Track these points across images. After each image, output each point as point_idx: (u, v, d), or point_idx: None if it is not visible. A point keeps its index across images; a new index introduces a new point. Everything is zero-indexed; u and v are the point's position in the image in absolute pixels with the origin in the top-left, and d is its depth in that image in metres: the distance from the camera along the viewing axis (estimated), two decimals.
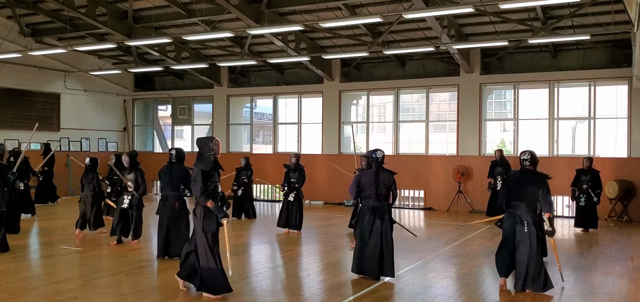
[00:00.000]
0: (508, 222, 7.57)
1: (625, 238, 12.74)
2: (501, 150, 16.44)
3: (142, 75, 24.21)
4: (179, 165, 9.63)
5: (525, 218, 7.39)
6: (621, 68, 16.36)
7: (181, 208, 9.57)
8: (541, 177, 7.54)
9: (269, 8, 15.39)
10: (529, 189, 7.45)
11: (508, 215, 7.59)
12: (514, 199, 7.53)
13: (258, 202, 20.87)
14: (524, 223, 7.37)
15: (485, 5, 12.93)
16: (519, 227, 7.40)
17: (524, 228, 7.36)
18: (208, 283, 6.97)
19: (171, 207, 9.49)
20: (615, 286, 8.13)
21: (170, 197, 9.54)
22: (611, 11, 13.61)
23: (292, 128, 22.11)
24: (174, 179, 9.51)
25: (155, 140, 24.99)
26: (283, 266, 9.52)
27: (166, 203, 9.54)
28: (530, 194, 7.42)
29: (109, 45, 18.18)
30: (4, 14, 18.83)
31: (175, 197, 9.53)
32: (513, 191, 7.58)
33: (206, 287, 6.99)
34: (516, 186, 7.60)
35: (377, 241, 8.07)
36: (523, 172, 7.64)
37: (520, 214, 7.43)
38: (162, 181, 9.67)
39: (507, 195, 7.65)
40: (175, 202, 9.50)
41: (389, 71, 19.79)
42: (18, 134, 19.97)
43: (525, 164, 7.60)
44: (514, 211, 7.50)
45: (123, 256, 9.74)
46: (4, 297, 6.98)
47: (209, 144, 7.05)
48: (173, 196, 9.53)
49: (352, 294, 7.36)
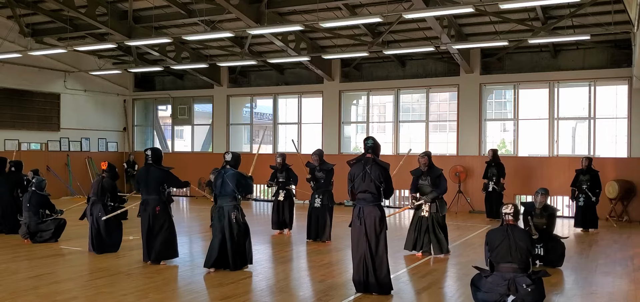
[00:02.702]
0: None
1: (625, 238, 12.74)
2: (494, 150, 16.23)
3: (142, 75, 24.20)
4: (156, 166, 9.05)
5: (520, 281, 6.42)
6: (621, 68, 16.36)
7: (162, 212, 8.97)
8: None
9: (269, 8, 15.38)
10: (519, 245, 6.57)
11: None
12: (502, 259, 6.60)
13: (258, 202, 20.89)
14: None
15: (485, 5, 12.93)
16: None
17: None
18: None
19: (152, 212, 8.91)
20: (615, 286, 8.13)
21: (150, 201, 8.95)
22: (611, 11, 13.61)
23: (292, 128, 22.11)
24: (153, 181, 8.93)
25: (156, 140, 24.97)
26: (282, 266, 9.51)
27: (146, 208, 8.95)
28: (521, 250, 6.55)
29: (109, 45, 18.17)
30: (4, 14, 18.82)
31: (156, 201, 8.93)
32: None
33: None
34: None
35: (362, 255, 7.22)
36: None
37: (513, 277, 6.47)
38: (140, 184, 9.06)
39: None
40: (155, 206, 8.90)
41: (389, 71, 19.78)
42: (18, 134, 19.98)
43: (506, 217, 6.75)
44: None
45: (123, 256, 9.74)
46: (3, 297, 6.99)
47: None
48: (153, 200, 8.93)
49: (352, 294, 7.35)
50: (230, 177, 8.60)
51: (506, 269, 6.48)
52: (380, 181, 7.22)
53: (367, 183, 7.22)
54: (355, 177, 7.36)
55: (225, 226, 8.54)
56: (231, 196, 8.58)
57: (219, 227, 8.60)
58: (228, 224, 8.52)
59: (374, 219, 7.20)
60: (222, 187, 8.62)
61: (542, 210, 9.42)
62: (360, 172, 7.30)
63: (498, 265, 6.57)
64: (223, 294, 7.37)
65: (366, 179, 7.23)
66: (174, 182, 9.25)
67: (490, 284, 6.52)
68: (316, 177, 11.79)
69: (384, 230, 7.30)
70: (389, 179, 7.33)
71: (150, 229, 8.92)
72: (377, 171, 7.24)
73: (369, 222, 7.19)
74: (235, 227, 8.55)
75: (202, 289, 7.66)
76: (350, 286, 7.62)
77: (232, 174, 8.65)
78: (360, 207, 7.27)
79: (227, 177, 8.61)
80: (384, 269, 7.23)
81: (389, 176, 7.34)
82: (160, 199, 8.95)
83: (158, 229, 8.92)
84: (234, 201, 8.59)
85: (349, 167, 7.54)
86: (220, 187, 8.64)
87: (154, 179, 8.93)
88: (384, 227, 7.31)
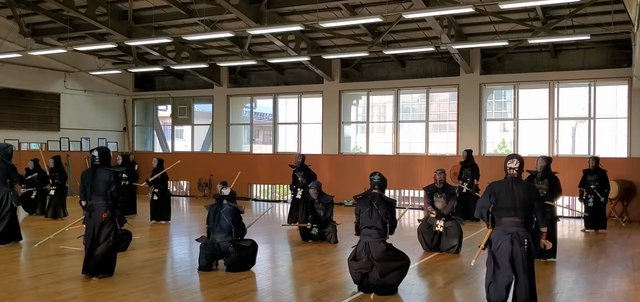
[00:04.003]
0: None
1: (625, 238, 12.73)
2: (469, 150, 15.68)
3: (142, 75, 24.21)
4: (103, 167, 8.09)
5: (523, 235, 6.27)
6: (621, 68, 16.36)
7: (109, 220, 8.01)
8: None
9: (269, 8, 15.38)
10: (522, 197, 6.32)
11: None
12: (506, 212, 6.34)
13: (258, 202, 20.89)
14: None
15: (485, 5, 12.93)
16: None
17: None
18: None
19: (98, 219, 7.96)
20: (615, 286, 8.13)
21: (96, 206, 7.98)
22: (611, 11, 13.61)
23: (292, 128, 22.11)
24: (100, 183, 7.95)
25: (155, 140, 24.99)
26: (283, 266, 9.51)
27: (92, 214, 8.00)
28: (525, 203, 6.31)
29: (109, 45, 18.18)
30: (4, 14, 18.82)
31: (103, 207, 7.98)
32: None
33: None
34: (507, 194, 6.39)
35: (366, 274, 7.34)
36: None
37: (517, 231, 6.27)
38: (86, 187, 8.08)
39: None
40: (102, 212, 7.95)
41: (389, 71, 19.78)
42: (18, 134, 19.99)
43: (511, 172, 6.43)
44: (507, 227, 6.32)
45: (123, 256, 9.72)
46: (3, 297, 6.99)
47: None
48: (100, 205, 7.98)
49: (352, 294, 7.35)
50: (226, 214, 8.58)
51: (509, 224, 6.26)
52: (387, 217, 7.31)
53: (374, 219, 7.30)
54: (361, 213, 7.43)
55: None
56: (227, 232, 8.55)
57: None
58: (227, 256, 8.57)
59: (382, 253, 7.29)
60: (219, 222, 8.59)
61: (542, 173, 9.65)
62: (367, 208, 7.37)
63: (500, 219, 6.32)
64: (223, 294, 7.37)
65: (373, 215, 7.31)
66: (118, 187, 8.19)
67: (495, 239, 6.33)
68: (315, 211, 11.58)
69: (397, 255, 7.48)
70: (394, 214, 7.45)
71: (95, 238, 7.97)
72: (384, 208, 7.34)
73: (378, 257, 7.26)
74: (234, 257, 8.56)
75: (202, 289, 7.66)
76: (350, 285, 7.62)
77: (228, 210, 8.63)
78: (366, 242, 7.32)
79: (224, 213, 8.59)
80: (394, 278, 7.37)
81: (395, 213, 7.47)
82: (107, 204, 8.00)
83: (103, 238, 7.97)
84: (230, 236, 8.56)
85: (355, 201, 7.70)
86: (215, 223, 8.62)
87: (102, 181, 7.98)
88: (397, 253, 7.49)
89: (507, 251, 6.19)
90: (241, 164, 19.71)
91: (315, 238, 11.41)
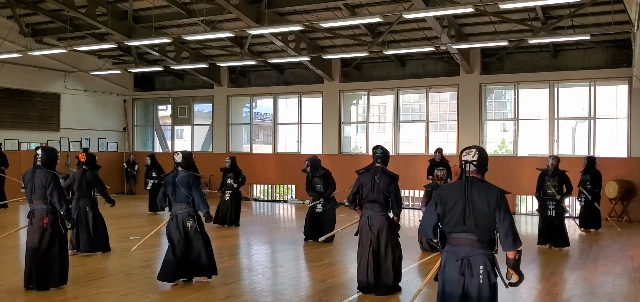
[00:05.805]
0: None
1: (625, 238, 12.74)
2: (440, 148, 15.25)
3: (142, 75, 24.20)
4: (44, 169, 7.29)
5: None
6: (621, 68, 16.36)
7: (52, 226, 7.26)
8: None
9: (269, 8, 15.38)
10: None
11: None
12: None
13: (258, 202, 20.90)
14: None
15: (485, 5, 12.93)
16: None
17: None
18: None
19: (38, 225, 7.24)
20: (615, 286, 8.13)
21: (36, 211, 7.27)
22: (611, 11, 13.61)
23: (292, 128, 22.11)
24: (38, 186, 7.21)
25: (156, 140, 25.00)
26: (283, 266, 9.51)
27: (33, 220, 7.29)
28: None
29: (109, 45, 18.18)
30: (4, 14, 18.82)
31: (43, 212, 7.25)
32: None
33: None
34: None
35: (368, 257, 7.10)
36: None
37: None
38: (26, 189, 7.36)
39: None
40: (43, 217, 7.23)
41: (389, 71, 19.79)
42: (18, 134, 19.99)
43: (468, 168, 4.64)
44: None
45: (123, 256, 9.74)
46: (3, 297, 6.98)
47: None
48: (40, 210, 7.25)
49: (352, 294, 7.35)
50: (181, 180, 7.58)
51: (459, 243, 4.50)
52: (389, 191, 7.14)
53: (376, 193, 7.15)
54: (363, 186, 7.25)
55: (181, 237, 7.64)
56: (185, 202, 7.61)
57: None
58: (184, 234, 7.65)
59: (384, 226, 7.17)
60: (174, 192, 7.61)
61: (553, 171, 10.92)
62: (369, 182, 7.21)
63: (450, 235, 4.57)
64: (223, 294, 7.37)
65: (375, 189, 7.15)
66: (57, 191, 7.25)
67: (443, 264, 4.63)
68: (314, 186, 11.52)
69: (396, 238, 7.28)
70: (398, 190, 7.24)
71: (36, 246, 7.19)
72: (386, 181, 7.17)
73: (379, 228, 7.14)
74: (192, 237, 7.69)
75: (203, 289, 7.66)
76: (350, 285, 7.62)
77: (184, 176, 7.61)
78: (368, 216, 7.19)
79: (178, 181, 7.58)
80: (390, 276, 7.21)
81: (398, 188, 7.24)
82: (48, 208, 7.24)
83: (45, 247, 7.20)
84: (189, 207, 7.61)
85: (358, 175, 7.50)
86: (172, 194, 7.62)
87: (39, 185, 7.21)
88: (396, 235, 7.29)
89: (457, 283, 4.46)
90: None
91: (315, 238, 11.38)
